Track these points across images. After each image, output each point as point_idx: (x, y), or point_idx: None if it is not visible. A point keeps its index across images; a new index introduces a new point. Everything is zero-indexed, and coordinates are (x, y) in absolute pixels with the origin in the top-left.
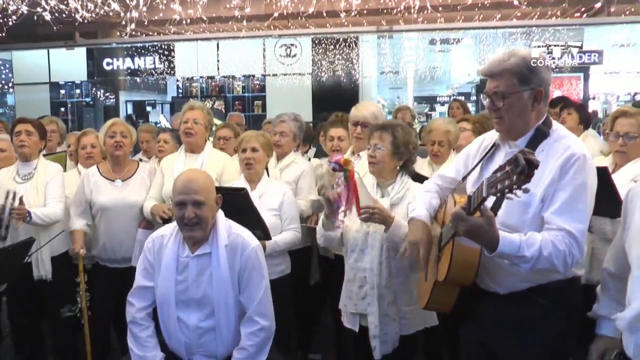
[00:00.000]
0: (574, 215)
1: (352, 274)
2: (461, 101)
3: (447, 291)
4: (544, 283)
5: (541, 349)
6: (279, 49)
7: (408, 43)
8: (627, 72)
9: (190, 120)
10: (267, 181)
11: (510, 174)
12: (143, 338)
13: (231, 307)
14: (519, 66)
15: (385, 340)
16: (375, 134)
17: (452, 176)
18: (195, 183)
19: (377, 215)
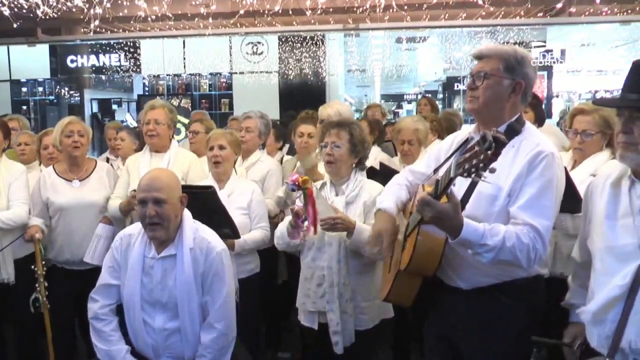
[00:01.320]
0: (539, 211)
1: (309, 272)
2: (429, 98)
3: (409, 282)
4: (508, 280)
5: (504, 345)
6: (246, 46)
7: (375, 41)
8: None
9: (152, 121)
10: (235, 180)
11: (478, 152)
12: (107, 332)
13: (195, 309)
14: (508, 54)
15: (343, 335)
16: (332, 132)
17: (422, 171)
18: (158, 181)
19: (339, 224)
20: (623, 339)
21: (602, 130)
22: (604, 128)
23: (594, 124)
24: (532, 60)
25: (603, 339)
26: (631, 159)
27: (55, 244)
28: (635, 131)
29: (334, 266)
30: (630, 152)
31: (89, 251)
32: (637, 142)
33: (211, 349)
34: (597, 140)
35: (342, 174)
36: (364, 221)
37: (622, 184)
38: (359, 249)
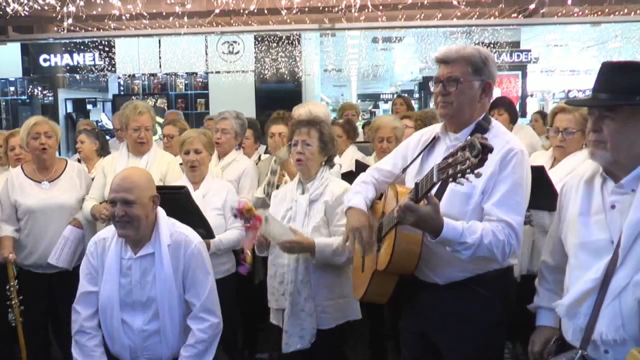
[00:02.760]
0: (512, 208)
1: (272, 270)
2: (405, 98)
3: (386, 281)
4: (482, 273)
5: (480, 337)
6: (222, 46)
7: (351, 41)
8: (561, 71)
9: (142, 128)
10: (210, 180)
11: (464, 158)
12: (90, 347)
13: (176, 308)
14: (474, 56)
15: (302, 335)
16: (302, 130)
17: (388, 169)
18: (128, 181)
19: (296, 247)
20: (595, 331)
21: (582, 129)
22: (584, 126)
23: (575, 122)
24: (493, 58)
25: (577, 331)
26: (600, 157)
27: (24, 247)
28: (605, 130)
29: (292, 264)
30: (599, 150)
31: (54, 252)
32: (606, 140)
33: (200, 339)
34: (578, 138)
35: (312, 172)
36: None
37: (595, 182)
38: (329, 262)
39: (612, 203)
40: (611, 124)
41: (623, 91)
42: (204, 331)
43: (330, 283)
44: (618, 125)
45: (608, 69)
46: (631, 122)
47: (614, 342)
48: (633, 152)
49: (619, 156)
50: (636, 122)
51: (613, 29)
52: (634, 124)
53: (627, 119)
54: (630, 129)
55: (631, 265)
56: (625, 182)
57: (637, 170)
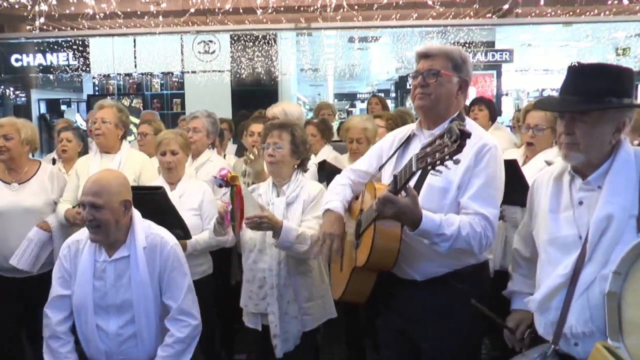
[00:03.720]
0: (487, 201)
1: (250, 274)
2: (379, 97)
3: (365, 279)
4: (460, 268)
5: (459, 332)
6: (198, 45)
7: (327, 40)
8: (535, 70)
9: (99, 120)
10: (186, 180)
11: (442, 145)
12: (63, 354)
13: (152, 311)
14: (455, 53)
15: (286, 338)
16: (274, 133)
17: (364, 169)
18: (98, 185)
19: (265, 223)
20: (565, 325)
21: (552, 126)
22: (554, 124)
23: (546, 120)
24: (470, 59)
25: (548, 326)
26: (574, 158)
27: None
28: (577, 132)
29: (274, 268)
30: (573, 152)
31: (17, 254)
32: (579, 142)
33: (178, 339)
34: (548, 135)
35: (283, 175)
36: (302, 220)
37: (564, 179)
38: (289, 249)
39: (579, 199)
40: (583, 127)
41: (592, 93)
42: (182, 331)
43: (310, 285)
44: (589, 127)
45: (576, 72)
46: (601, 123)
47: (583, 335)
48: (603, 151)
49: (591, 156)
50: (605, 122)
51: (584, 29)
52: (604, 125)
53: (597, 120)
54: (600, 130)
55: (598, 260)
56: (592, 178)
57: (603, 167)
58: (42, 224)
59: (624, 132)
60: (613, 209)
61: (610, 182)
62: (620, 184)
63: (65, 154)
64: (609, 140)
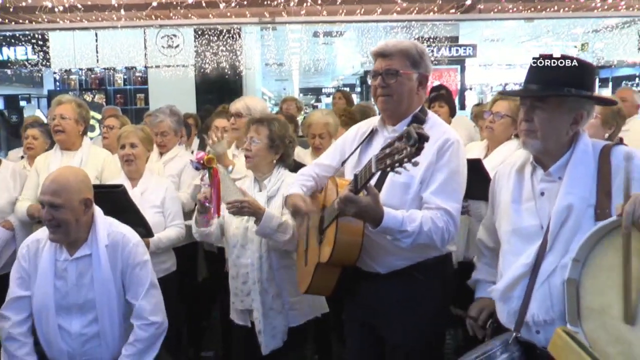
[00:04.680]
0: (450, 195)
1: (235, 270)
2: (344, 92)
3: (329, 273)
4: (422, 260)
5: (422, 324)
6: (161, 39)
7: (292, 35)
8: (498, 65)
9: (58, 116)
10: (148, 177)
11: (401, 148)
12: (19, 357)
13: (115, 309)
14: (411, 50)
15: (273, 334)
16: (252, 128)
17: (327, 163)
18: (56, 183)
19: (247, 208)
20: (527, 314)
21: (512, 116)
22: (514, 115)
23: (508, 109)
24: (428, 52)
25: (511, 314)
26: (532, 145)
27: None
28: (536, 119)
29: (256, 262)
30: (531, 139)
31: None
32: (537, 130)
33: (141, 337)
34: (506, 124)
35: (262, 170)
36: (282, 214)
37: (526, 170)
38: (269, 237)
39: (541, 190)
40: (541, 114)
41: (552, 82)
42: (145, 329)
43: (294, 279)
44: (547, 115)
45: (538, 62)
46: (559, 111)
47: (544, 323)
48: (561, 141)
49: (548, 144)
50: (563, 111)
51: (545, 25)
52: (562, 114)
53: (555, 109)
54: (558, 118)
55: (559, 249)
56: (553, 170)
57: (564, 159)
58: (4, 223)
59: (582, 125)
60: (573, 199)
61: (570, 173)
62: (579, 175)
63: (31, 151)
64: (566, 130)
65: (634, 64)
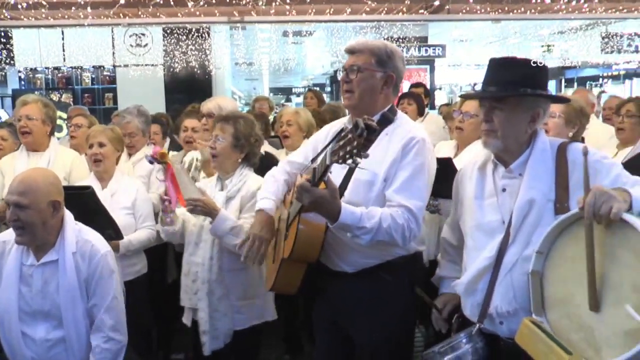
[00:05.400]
0: (412, 193)
1: (186, 267)
2: (315, 91)
3: (293, 270)
4: (390, 259)
5: (389, 323)
6: (129, 38)
7: (261, 34)
8: (467, 65)
9: (23, 117)
10: (119, 178)
11: (351, 139)
12: None
13: (81, 317)
14: (379, 49)
15: (216, 335)
16: (217, 126)
17: (300, 161)
18: (24, 184)
19: (200, 207)
20: (491, 305)
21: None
22: None
23: (477, 109)
24: (401, 55)
25: (475, 307)
26: (493, 145)
27: None
28: (495, 120)
29: (207, 263)
30: (491, 139)
31: None
32: (496, 129)
33: (101, 355)
34: (476, 123)
35: (226, 169)
36: (239, 217)
37: (487, 168)
38: (221, 238)
39: (502, 187)
40: (500, 114)
41: (509, 83)
42: (105, 347)
43: (244, 283)
44: (506, 115)
45: (495, 64)
46: (517, 111)
47: (508, 314)
48: (520, 139)
49: (508, 143)
50: (521, 111)
51: (512, 26)
52: (520, 113)
53: (513, 109)
54: (516, 118)
55: (520, 242)
56: (514, 166)
57: (524, 156)
58: None
59: (539, 122)
60: (534, 194)
61: (530, 169)
62: (539, 171)
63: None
64: (524, 129)
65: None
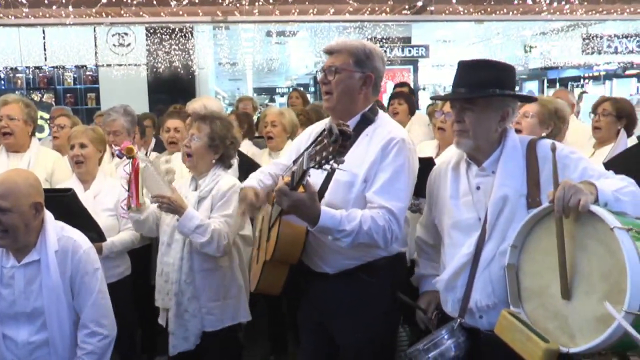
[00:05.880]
0: (393, 195)
1: (160, 267)
2: (300, 91)
3: (276, 271)
4: (371, 261)
5: (370, 325)
6: (112, 38)
7: (245, 34)
8: (450, 65)
9: (4, 117)
10: (102, 180)
11: (326, 145)
12: None
13: (65, 317)
14: (357, 49)
15: (185, 337)
16: (194, 125)
17: (284, 163)
18: (4, 186)
19: (167, 204)
20: (471, 300)
21: None
22: None
23: None
24: (381, 55)
25: (455, 303)
26: (464, 145)
27: None
28: (466, 120)
29: (177, 263)
30: (463, 139)
31: None
32: (468, 129)
33: (88, 351)
34: None
35: (200, 169)
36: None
37: (461, 167)
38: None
39: (477, 185)
40: (471, 115)
41: (478, 85)
42: (92, 343)
43: (215, 284)
44: (477, 115)
45: (464, 66)
46: (487, 111)
47: (487, 308)
48: (491, 138)
49: (480, 142)
50: (491, 111)
51: (495, 27)
52: (489, 113)
53: (483, 109)
54: (487, 117)
55: (496, 238)
56: (487, 165)
57: (495, 154)
58: None
59: (508, 121)
60: (507, 191)
61: (503, 167)
62: (510, 168)
63: None
64: (495, 128)
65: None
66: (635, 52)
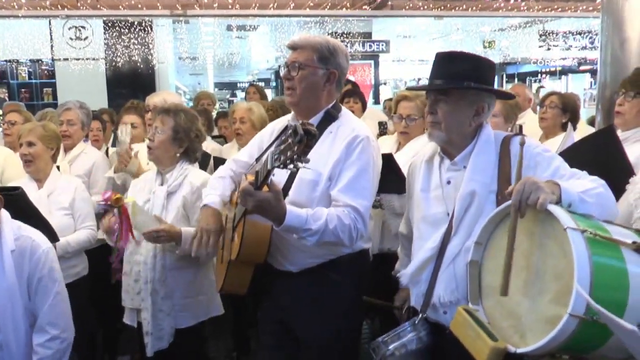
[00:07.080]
0: (358, 193)
1: (128, 267)
2: (257, 86)
3: (241, 271)
4: (334, 258)
5: (333, 321)
6: (68, 31)
7: (205, 28)
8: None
9: None
10: (56, 177)
11: (291, 144)
12: None
13: (20, 319)
14: (321, 45)
15: (160, 336)
16: (158, 118)
17: (245, 160)
18: None
19: (163, 237)
20: (434, 295)
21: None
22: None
23: (417, 109)
24: (345, 51)
25: (419, 297)
26: (437, 137)
27: None
28: (439, 112)
29: (150, 261)
30: (436, 131)
31: None
32: (440, 121)
33: (45, 355)
34: (421, 124)
35: (164, 163)
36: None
37: (434, 161)
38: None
39: (447, 179)
40: (444, 107)
41: (454, 77)
42: (49, 347)
43: (187, 281)
44: (450, 107)
45: (441, 58)
46: (461, 104)
47: (450, 303)
48: (464, 132)
49: (452, 135)
50: (465, 104)
51: (455, 23)
52: (463, 106)
53: (457, 101)
54: (460, 110)
55: (463, 233)
56: (458, 159)
57: (468, 149)
58: None
59: (483, 117)
60: (475, 186)
61: (473, 161)
62: (481, 163)
63: None
64: (468, 122)
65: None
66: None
